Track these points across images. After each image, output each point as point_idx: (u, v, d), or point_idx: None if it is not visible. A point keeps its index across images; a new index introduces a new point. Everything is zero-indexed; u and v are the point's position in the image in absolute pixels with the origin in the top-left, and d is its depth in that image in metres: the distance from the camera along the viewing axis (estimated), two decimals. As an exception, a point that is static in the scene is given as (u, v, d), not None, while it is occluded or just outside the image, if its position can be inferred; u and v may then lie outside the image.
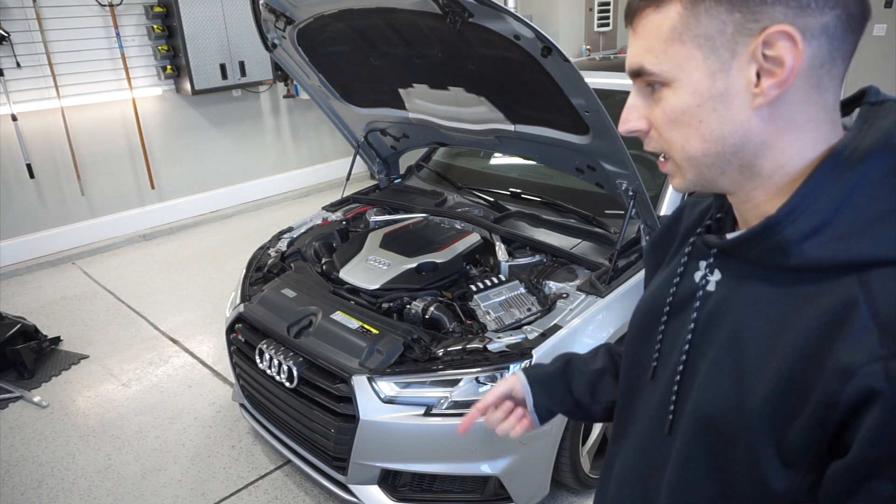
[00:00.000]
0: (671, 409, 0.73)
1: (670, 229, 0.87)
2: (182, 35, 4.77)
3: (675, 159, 0.67)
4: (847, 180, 0.59)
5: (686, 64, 0.62)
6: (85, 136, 4.73)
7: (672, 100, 0.64)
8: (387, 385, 1.94)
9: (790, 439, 0.59)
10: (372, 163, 3.23)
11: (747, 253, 0.66)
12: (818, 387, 0.57)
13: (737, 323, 0.66)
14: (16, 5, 4.18)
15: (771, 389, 0.60)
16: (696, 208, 0.83)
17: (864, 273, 0.57)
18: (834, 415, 0.56)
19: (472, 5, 1.77)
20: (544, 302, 2.11)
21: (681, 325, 0.74)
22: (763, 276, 0.65)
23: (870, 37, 6.58)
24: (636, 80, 0.67)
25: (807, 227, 0.60)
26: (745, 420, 0.63)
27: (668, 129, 0.65)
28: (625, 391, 0.86)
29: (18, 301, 4.09)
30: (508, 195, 2.78)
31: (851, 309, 0.56)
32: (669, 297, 0.77)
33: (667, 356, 0.77)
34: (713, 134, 0.63)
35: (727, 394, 0.65)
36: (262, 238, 3.08)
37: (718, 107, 0.62)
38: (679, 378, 0.72)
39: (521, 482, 2.00)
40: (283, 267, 2.60)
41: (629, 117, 0.68)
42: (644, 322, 0.82)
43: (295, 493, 2.40)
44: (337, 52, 2.50)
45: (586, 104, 1.92)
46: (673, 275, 0.78)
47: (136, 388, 3.11)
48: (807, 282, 0.61)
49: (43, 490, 2.47)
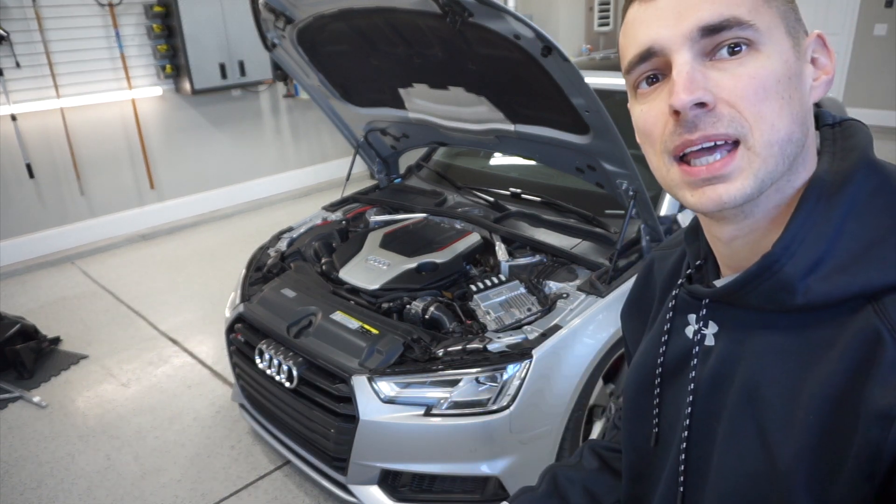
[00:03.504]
0: (681, 481, 0.66)
1: (644, 288, 0.80)
2: (182, 35, 4.76)
3: (756, 144, 0.54)
4: (836, 206, 0.55)
5: (774, 30, 0.55)
6: (84, 135, 4.72)
7: (766, 64, 0.53)
8: (387, 385, 1.93)
9: (834, 499, 0.53)
10: (372, 163, 3.23)
11: (746, 298, 0.59)
12: (856, 436, 0.51)
13: (749, 378, 0.59)
14: (16, 5, 4.18)
15: (803, 446, 0.54)
16: (667, 260, 0.76)
17: (879, 302, 0.52)
18: (880, 465, 0.50)
19: (472, 5, 1.77)
20: (544, 302, 2.11)
21: (680, 388, 0.67)
22: (769, 323, 0.59)
23: (870, 37, 6.57)
24: (704, 39, 0.54)
25: (807, 261, 0.54)
26: (779, 484, 0.55)
27: (757, 101, 0.53)
28: (630, 471, 0.78)
29: (18, 301, 4.08)
30: (508, 195, 2.78)
31: (876, 344, 0.51)
32: (660, 359, 0.70)
33: (670, 424, 0.69)
34: (797, 115, 0.55)
35: (754, 458, 0.58)
36: (262, 238, 3.07)
37: (799, 87, 0.55)
38: (686, 445, 0.65)
39: (521, 482, 1.99)
40: (282, 267, 2.59)
41: (693, 85, 0.53)
42: (637, 390, 0.74)
43: (295, 494, 2.40)
44: (337, 52, 2.50)
45: (586, 104, 1.92)
46: (660, 334, 0.70)
47: (135, 388, 3.11)
48: (819, 322, 0.55)
49: (42, 490, 2.47)
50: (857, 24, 6.60)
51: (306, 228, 2.89)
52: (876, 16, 6.50)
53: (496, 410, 1.87)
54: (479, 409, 1.88)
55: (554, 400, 1.95)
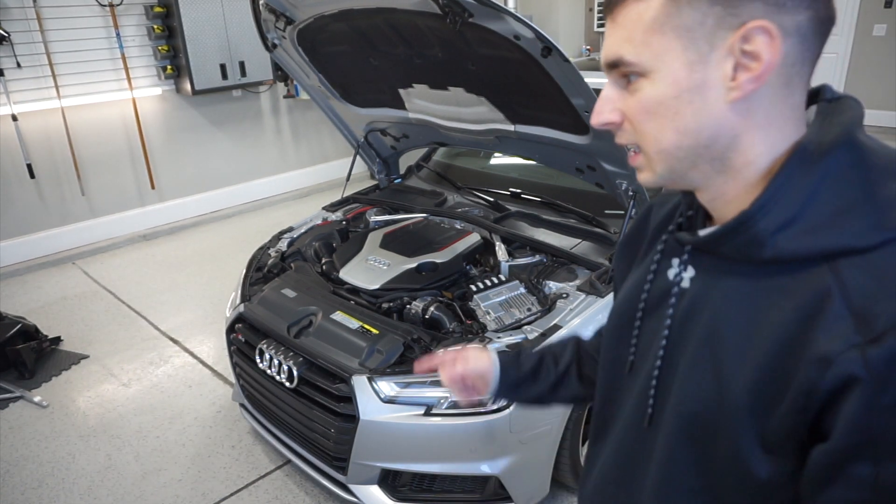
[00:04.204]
0: (650, 404, 0.74)
1: (639, 230, 0.88)
2: (182, 35, 4.77)
3: (648, 152, 0.67)
4: (813, 174, 0.61)
5: (665, 55, 0.62)
6: (85, 136, 4.73)
7: (649, 91, 0.64)
8: (387, 385, 1.94)
9: (771, 428, 0.61)
10: (372, 163, 3.23)
11: (721, 248, 0.67)
12: (797, 376, 0.58)
13: (713, 318, 0.67)
14: (16, 5, 4.18)
15: (751, 381, 0.62)
16: (664, 207, 0.84)
17: (835, 263, 0.59)
18: (813, 402, 0.57)
19: (472, 5, 1.77)
20: (544, 302, 2.11)
21: (657, 323, 0.75)
22: (737, 271, 0.66)
23: (870, 37, 6.58)
24: (611, 72, 0.67)
25: (779, 220, 0.61)
26: (726, 412, 0.64)
27: (643, 121, 0.65)
28: (603, 390, 0.87)
29: (19, 301, 4.09)
30: (508, 195, 2.78)
31: (825, 299, 0.58)
32: (644, 295, 0.78)
33: (644, 353, 0.78)
34: (688, 126, 0.63)
35: (708, 387, 0.66)
36: (262, 238, 3.08)
37: (695, 99, 0.62)
38: (658, 373, 0.73)
39: (521, 482, 2.00)
40: (283, 267, 2.60)
41: (602, 109, 0.68)
42: (619, 323, 0.83)
43: (295, 493, 2.40)
44: (337, 52, 2.50)
45: (586, 104, 1.92)
46: (646, 273, 0.79)
47: (136, 388, 3.11)
48: (781, 274, 0.62)
49: (43, 490, 2.47)
50: (857, 24, 6.60)
51: (307, 228, 2.90)
52: (875, 16, 6.50)
53: (496, 410, 1.87)
54: (478, 408, 1.89)
55: (554, 400, 1.95)
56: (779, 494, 0.64)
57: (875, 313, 0.55)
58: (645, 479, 0.76)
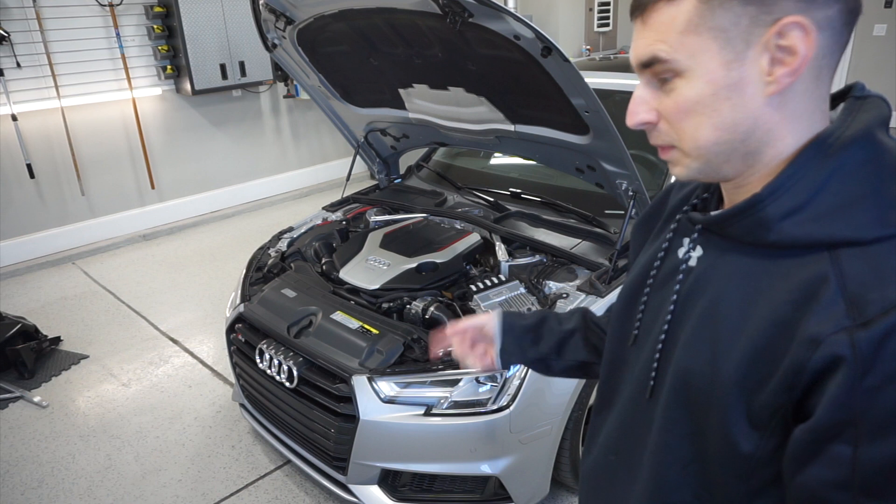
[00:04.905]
0: (653, 375, 0.77)
1: (657, 209, 0.91)
2: (182, 35, 4.77)
3: (684, 149, 0.68)
4: (827, 166, 0.62)
5: (701, 55, 0.63)
6: (85, 136, 4.73)
7: (686, 90, 0.65)
8: (387, 385, 1.94)
9: (759, 404, 0.63)
10: (372, 163, 3.23)
11: (729, 229, 0.69)
12: (787, 355, 0.60)
13: (715, 294, 0.70)
14: (16, 5, 4.18)
15: (743, 357, 0.64)
16: (683, 189, 0.86)
17: (835, 252, 0.61)
18: (800, 380, 0.59)
19: (472, 5, 1.77)
20: (544, 302, 2.11)
21: (663, 297, 0.78)
22: (742, 251, 0.68)
23: (870, 37, 6.58)
24: (644, 72, 0.68)
25: (787, 206, 0.63)
26: (718, 384, 0.66)
27: (681, 119, 0.67)
28: (608, 363, 0.89)
29: (18, 301, 4.09)
30: (508, 195, 2.78)
31: (822, 284, 0.60)
32: (653, 272, 0.81)
33: (649, 326, 0.80)
34: (725, 122, 0.65)
35: (703, 360, 0.69)
36: (262, 238, 3.08)
37: (732, 95, 0.63)
38: (661, 346, 0.75)
39: (521, 482, 2.00)
40: (283, 267, 2.60)
41: (638, 110, 0.69)
42: (629, 296, 0.86)
43: (295, 493, 2.40)
44: (337, 52, 2.50)
45: (586, 104, 1.92)
46: (658, 250, 0.81)
47: (136, 388, 3.11)
48: (782, 257, 0.64)
49: (43, 490, 2.47)
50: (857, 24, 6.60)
51: (307, 228, 2.89)
52: (876, 16, 6.50)
53: (496, 410, 1.87)
54: (479, 408, 1.89)
55: (554, 399, 1.96)
56: (762, 470, 0.66)
57: (868, 300, 0.57)
58: (644, 449, 0.78)
